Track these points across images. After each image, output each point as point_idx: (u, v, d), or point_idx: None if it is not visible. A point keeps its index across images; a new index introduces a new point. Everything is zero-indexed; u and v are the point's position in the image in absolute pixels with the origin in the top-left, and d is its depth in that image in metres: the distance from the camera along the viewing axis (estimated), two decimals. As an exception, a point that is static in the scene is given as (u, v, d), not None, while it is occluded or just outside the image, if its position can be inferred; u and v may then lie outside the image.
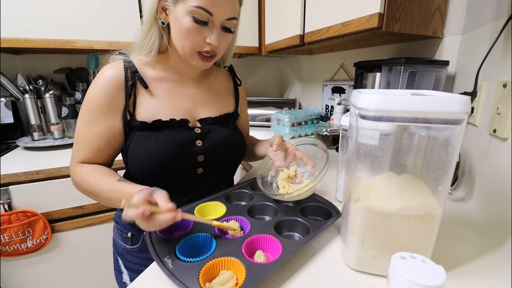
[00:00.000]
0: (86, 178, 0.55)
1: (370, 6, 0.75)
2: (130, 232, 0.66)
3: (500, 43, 0.60)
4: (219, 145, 0.65)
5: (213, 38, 0.56)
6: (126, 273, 0.69)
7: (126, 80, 0.58)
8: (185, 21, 0.54)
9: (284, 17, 1.23)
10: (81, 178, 0.56)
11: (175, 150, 0.59)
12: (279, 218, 0.55)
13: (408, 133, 0.39)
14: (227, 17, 0.56)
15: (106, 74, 0.57)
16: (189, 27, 0.54)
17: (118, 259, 0.71)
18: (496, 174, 0.59)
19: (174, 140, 0.60)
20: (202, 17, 0.54)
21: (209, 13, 0.54)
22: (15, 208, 0.96)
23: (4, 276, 0.99)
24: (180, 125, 0.62)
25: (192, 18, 0.54)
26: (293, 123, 1.39)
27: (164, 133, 0.60)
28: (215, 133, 0.65)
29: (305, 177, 0.64)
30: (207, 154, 0.64)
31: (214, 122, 0.66)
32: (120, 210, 0.70)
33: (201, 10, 0.53)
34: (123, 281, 0.70)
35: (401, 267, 0.29)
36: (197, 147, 0.62)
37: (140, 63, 0.61)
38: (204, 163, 0.64)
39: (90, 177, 0.55)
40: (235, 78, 0.77)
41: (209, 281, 0.40)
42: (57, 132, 1.25)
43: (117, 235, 0.69)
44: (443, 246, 0.50)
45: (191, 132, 0.62)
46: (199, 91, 0.68)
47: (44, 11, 1.09)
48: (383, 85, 0.86)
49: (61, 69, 1.40)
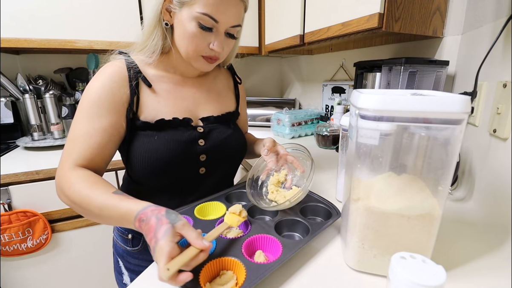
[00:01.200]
0: (75, 185, 0.47)
1: (370, 6, 0.75)
2: (130, 234, 0.66)
3: (500, 43, 0.60)
4: (221, 144, 0.65)
5: (216, 44, 0.57)
6: (126, 274, 0.69)
7: (130, 80, 0.57)
8: (190, 26, 0.54)
9: (284, 17, 1.23)
10: (69, 184, 0.48)
11: (178, 149, 0.59)
12: (279, 218, 0.55)
13: (408, 133, 0.39)
14: (231, 25, 0.57)
15: (110, 70, 0.56)
16: (193, 32, 0.54)
17: (118, 260, 0.70)
18: (496, 174, 0.59)
19: (177, 139, 0.59)
20: (207, 24, 0.54)
21: (215, 20, 0.54)
22: (15, 208, 0.96)
23: (4, 276, 0.99)
24: (182, 124, 0.61)
25: (197, 23, 0.54)
26: (293, 123, 1.39)
27: (167, 132, 0.59)
28: (217, 132, 0.65)
29: (295, 182, 0.64)
30: (210, 153, 0.63)
31: (216, 121, 0.66)
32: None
33: (206, 17, 0.53)
34: (123, 282, 0.70)
35: (401, 267, 0.29)
36: (199, 146, 0.62)
37: (141, 63, 0.61)
38: (207, 163, 0.64)
39: (80, 184, 0.47)
40: (235, 76, 0.77)
41: (209, 281, 0.40)
42: (57, 132, 1.25)
43: (117, 237, 0.69)
44: (443, 246, 0.50)
45: (194, 131, 0.62)
46: (200, 90, 0.67)
47: (44, 11, 1.09)
48: (383, 85, 0.86)
49: (61, 69, 1.39)
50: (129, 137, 0.58)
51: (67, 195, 0.48)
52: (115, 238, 0.70)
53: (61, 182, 0.50)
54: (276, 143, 0.67)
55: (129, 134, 0.58)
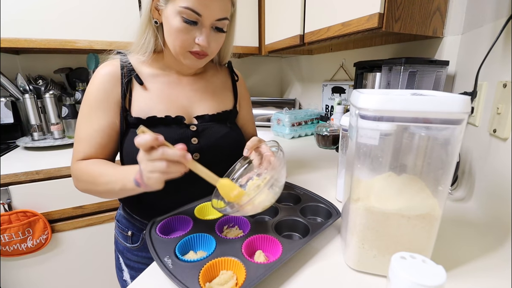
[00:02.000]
0: (84, 169, 0.55)
1: (370, 6, 0.75)
2: (130, 230, 0.67)
3: (500, 43, 0.60)
4: (215, 143, 0.64)
5: (202, 38, 0.56)
6: (126, 271, 0.70)
7: (122, 77, 0.59)
8: (174, 21, 0.55)
9: (284, 17, 1.23)
10: (80, 171, 0.55)
11: None
12: (279, 218, 0.55)
13: (408, 133, 0.39)
14: (216, 18, 0.56)
15: (102, 71, 0.58)
16: (178, 27, 0.55)
17: (119, 257, 0.71)
18: (496, 174, 0.59)
19: (169, 137, 0.58)
20: (191, 17, 0.54)
21: (197, 13, 0.54)
22: (15, 208, 0.96)
23: (4, 276, 0.99)
24: (175, 122, 0.61)
25: (181, 18, 0.54)
26: (293, 123, 1.39)
27: (159, 129, 0.59)
28: (212, 131, 0.65)
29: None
30: (203, 152, 0.63)
31: (211, 120, 0.66)
32: (121, 209, 0.70)
33: (189, 10, 0.53)
34: (123, 279, 0.71)
35: (401, 267, 0.29)
36: (192, 144, 0.62)
37: (137, 62, 0.62)
38: (200, 162, 0.62)
39: (89, 167, 0.55)
40: (233, 74, 0.76)
41: (209, 281, 0.40)
42: (57, 132, 1.25)
43: (118, 234, 0.70)
44: (443, 246, 0.50)
45: (186, 129, 0.62)
46: (195, 88, 0.67)
47: (44, 11, 1.09)
48: (383, 85, 0.86)
49: (61, 69, 1.39)
50: (124, 135, 0.60)
51: (81, 180, 0.56)
52: (116, 235, 0.72)
53: (74, 172, 0.58)
54: (260, 142, 0.60)
55: (123, 131, 0.60)
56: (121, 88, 0.58)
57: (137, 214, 0.66)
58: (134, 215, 0.66)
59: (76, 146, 0.58)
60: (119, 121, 0.59)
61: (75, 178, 0.58)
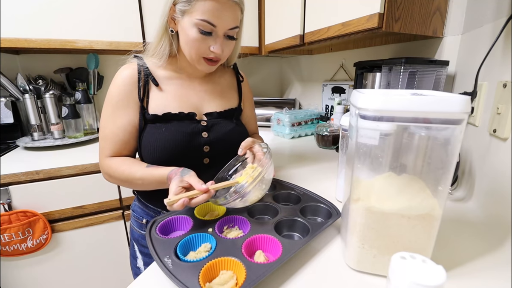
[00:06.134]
0: (118, 168, 0.63)
1: (370, 6, 0.75)
2: (145, 218, 0.73)
3: (500, 43, 0.60)
4: (223, 137, 0.71)
5: (216, 47, 0.62)
6: (140, 258, 0.74)
7: (139, 81, 0.65)
8: (191, 32, 0.60)
9: (284, 17, 1.23)
10: (113, 169, 0.63)
11: (183, 139, 0.65)
12: (279, 218, 0.55)
13: (408, 133, 0.39)
14: (229, 27, 0.62)
15: (123, 74, 0.65)
16: (195, 37, 0.60)
17: (134, 245, 0.76)
18: (496, 174, 0.59)
19: (182, 130, 0.66)
20: (206, 29, 0.60)
21: (212, 25, 0.59)
22: (15, 208, 0.96)
23: (4, 276, 0.99)
24: (187, 117, 0.68)
25: (198, 29, 0.60)
26: (293, 123, 1.39)
27: (173, 124, 0.66)
28: (220, 126, 0.71)
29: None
30: (213, 145, 0.69)
31: (219, 116, 0.72)
32: (136, 200, 0.77)
33: (205, 22, 0.59)
34: (137, 266, 0.75)
35: (401, 267, 0.29)
36: (203, 138, 0.68)
37: (153, 65, 0.69)
38: (210, 154, 0.69)
39: (121, 167, 0.63)
40: (238, 75, 0.82)
41: (209, 281, 0.40)
42: (57, 132, 1.25)
43: (134, 222, 0.76)
44: (443, 246, 0.50)
45: (198, 124, 0.68)
46: (205, 88, 0.74)
47: (44, 11, 1.09)
48: (383, 85, 0.86)
49: (61, 69, 1.39)
50: (142, 130, 0.67)
51: (115, 177, 0.64)
52: (131, 224, 0.78)
53: (106, 169, 0.65)
54: (254, 142, 0.64)
55: (142, 128, 0.67)
56: (138, 89, 0.65)
57: (151, 203, 0.72)
58: (148, 204, 0.73)
59: (102, 143, 0.65)
60: (138, 119, 0.66)
61: (106, 174, 0.65)
